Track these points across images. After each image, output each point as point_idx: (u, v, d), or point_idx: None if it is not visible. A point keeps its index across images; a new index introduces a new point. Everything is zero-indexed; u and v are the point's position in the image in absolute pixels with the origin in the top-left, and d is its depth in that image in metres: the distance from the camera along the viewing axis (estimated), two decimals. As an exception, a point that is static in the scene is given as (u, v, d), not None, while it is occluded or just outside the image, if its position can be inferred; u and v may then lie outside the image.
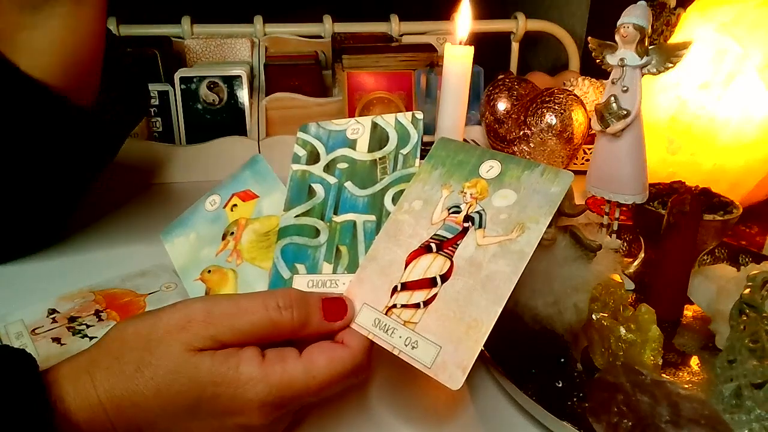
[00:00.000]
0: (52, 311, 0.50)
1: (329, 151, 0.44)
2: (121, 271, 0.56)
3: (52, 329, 0.48)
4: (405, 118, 0.43)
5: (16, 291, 0.55)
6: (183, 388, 0.31)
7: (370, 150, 0.43)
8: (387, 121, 0.44)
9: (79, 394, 0.31)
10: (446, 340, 0.33)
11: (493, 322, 0.33)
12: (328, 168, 0.43)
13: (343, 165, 0.43)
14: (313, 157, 0.44)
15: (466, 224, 0.37)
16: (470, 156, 0.40)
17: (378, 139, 0.43)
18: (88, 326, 0.48)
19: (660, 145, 0.67)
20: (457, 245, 0.36)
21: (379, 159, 0.42)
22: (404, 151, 0.42)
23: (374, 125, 0.44)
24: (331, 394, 0.35)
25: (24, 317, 0.49)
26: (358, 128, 0.44)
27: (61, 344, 0.46)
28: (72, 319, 0.49)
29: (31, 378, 0.30)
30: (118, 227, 0.69)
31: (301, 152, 0.44)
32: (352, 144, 0.43)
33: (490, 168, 0.38)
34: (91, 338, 0.45)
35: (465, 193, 0.38)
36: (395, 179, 0.41)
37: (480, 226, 0.36)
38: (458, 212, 0.38)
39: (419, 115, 0.43)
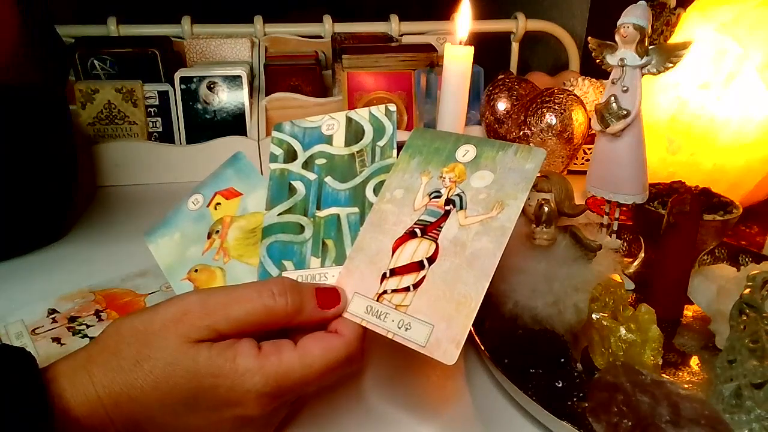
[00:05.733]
0: (52, 311, 0.50)
1: (306, 148, 0.44)
2: (121, 271, 0.56)
3: (52, 329, 0.48)
4: (379, 111, 0.44)
5: (16, 291, 0.55)
6: (181, 381, 0.31)
7: (347, 144, 0.44)
8: (361, 115, 0.45)
9: (78, 391, 0.31)
10: (438, 319, 0.34)
11: (482, 297, 0.34)
12: (307, 165, 0.43)
13: (321, 161, 0.43)
14: (291, 155, 0.44)
15: (447, 207, 0.38)
16: (446, 142, 0.41)
17: (354, 133, 0.44)
18: (88, 326, 0.48)
19: (660, 145, 0.67)
20: (441, 228, 0.37)
21: (357, 152, 0.43)
22: (381, 143, 0.43)
23: (349, 120, 0.44)
24: (327, 384, 0.35)
25: (24, 317, 0.49)
26: (333, 124, 0.45)
27: (61, 344, 0.46)
28: (72, 319, 0.49)
29: (31, 376, 0.30)
30: (118, 227, 0.69)
31: (278, 151, 0.44)
32: (328, 140, 0.44)
33: (466, 152, 0.40)
34: (91, 338, 0.45)
35: (444, 177, 0.39)
36: (374, 171, 0.42)
37: (461, 208, 0.38)
38: (439, 196, 0.39)
39: (392, 107, 0.44)
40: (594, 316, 0.43)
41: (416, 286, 0.36)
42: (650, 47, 0.48)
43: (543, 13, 1.21)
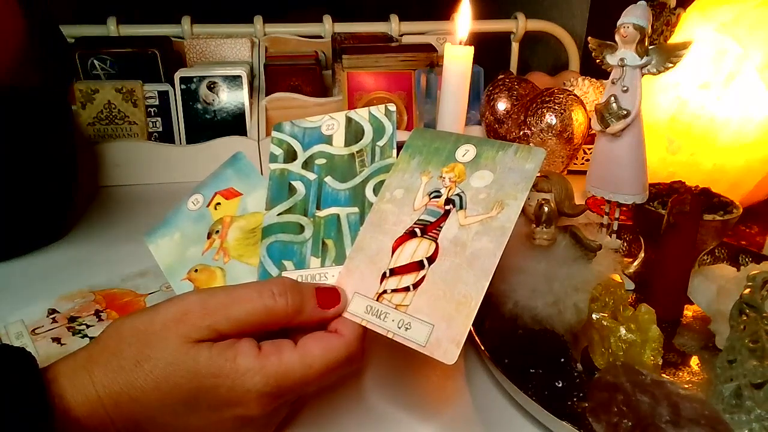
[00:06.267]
0: (52, 311, 0.50)
1: (306, 148, 0.44)
2: (121, 271, 0.56)
3: (52, 329, 0.48)
4: (378, 111, 0.44)
5: (16, 291, 0.55)
6: (182, 381, 0.31)
7: (347, 144, 0.44)
8: (361, 115, 0.45)
9: (78, 391, 0.31)
10: (438, 318, 0.34)
11: (482, 296, 0.34)
12: (307, 165, 0.44)
13: (321, 161, 0.43)
14: (291, 155, 0.44)
15: (447, 207, 0.38)
16: (446, 142, 0.41)
17: (353, 133, 0.44)
18: (88, 326, 0.48)
19: (660, 145, 0.67)
20: (441, 227, 0.37)
21: (357, 152, 0.43)
22: (380, 143, 0.43)
23: (348, 120, 0.45)
24: (327, 384, 0.35)
25: (24, 317, 0.49)
26: (333, 124, 0.45)
27: (61, 344, 0.46)
28: (72, 319, 0.49)
29: (31, 376, 0.30)
30: (118, 227, 0.69)
31: (278, 151, 0.44)
32: (328, 140, 0.44)
33: (466, 152, 0.40)
34: (91, 338, 0.45)
35: (444, 177, 0.39)
36: (374, 171, 0.42)
37: (461, 208, 0.38)
38: (439, 196, 0.39)
39: (392, 107, 0.44)
40: (594, 316, 0.43)
41: (416, 285, 0.36)
42: (650, 47, 0.48)
43: (543, 13, 1.21)
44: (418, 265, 0.36)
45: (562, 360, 0.45)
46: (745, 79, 0.62)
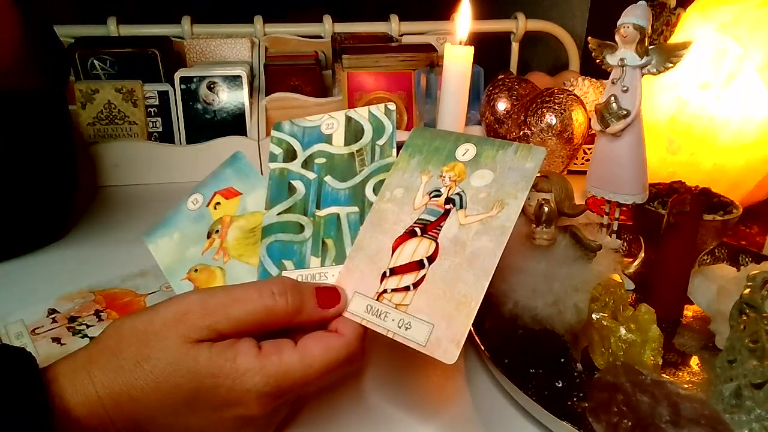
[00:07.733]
0: (52, 311, 0.50)
1: (305, 147, 0.44)
2: (121, 271, 0.56)
3: (52, 329, 0.48)
4: (378, 110, 0.44)
5: (16, 291, 0.55)
6: (182, 380, 0.31)
7: (347, 143, 0.44)
8: (360, 114, 0.45)
9: (78, 391, 0.31)
10: (438, 318, 0.34)
11: (482, 296, 0.34)
12: (306, 164, 0.44)
13: (321, 160, 0.43)
14: (290, 155, 0.44)
15: (447, 206, 0.38)
16: (446, 141, 0.41)
17: (353, 132, 0.44)
18: (88, 326, 0.48)
19: (660, 145, 0.67)
20: (441, 227, 0.37)
21: (357, 152, 0.43)
22: (380, 142, 0.43)
23: (348, 119, 0.45)
24: (327, 383, 0.35)
25: (24, 317, 0.49)
26: (333, 123, 0.45)
27: (61, 344, 0.46)
28: (72, 319, 0.49)
29: (31, 376, 0.30)
30: (118, 227, 0.69)
31: (278, 150, 0.44)
32: (327, 139, 0.44)
33: (466, 151, 0.40)
34: (91, 338, 0.45)
35: (444, 177, 0.39)
36: (374, 170, 0.42)
37: (461, 207, 0.38)
38: (439, 195, 0.39)
39: (392, 106, 0.44)
40: (594, 316, 0.43)
41: (416, 285, 0.36)
42: (650, 47, 0.48)
43: (543, 13, 1.21)
44: (418, 265, 0.36)
45: (562, 360, 0.45)
46: (745, 79, 0.62)
